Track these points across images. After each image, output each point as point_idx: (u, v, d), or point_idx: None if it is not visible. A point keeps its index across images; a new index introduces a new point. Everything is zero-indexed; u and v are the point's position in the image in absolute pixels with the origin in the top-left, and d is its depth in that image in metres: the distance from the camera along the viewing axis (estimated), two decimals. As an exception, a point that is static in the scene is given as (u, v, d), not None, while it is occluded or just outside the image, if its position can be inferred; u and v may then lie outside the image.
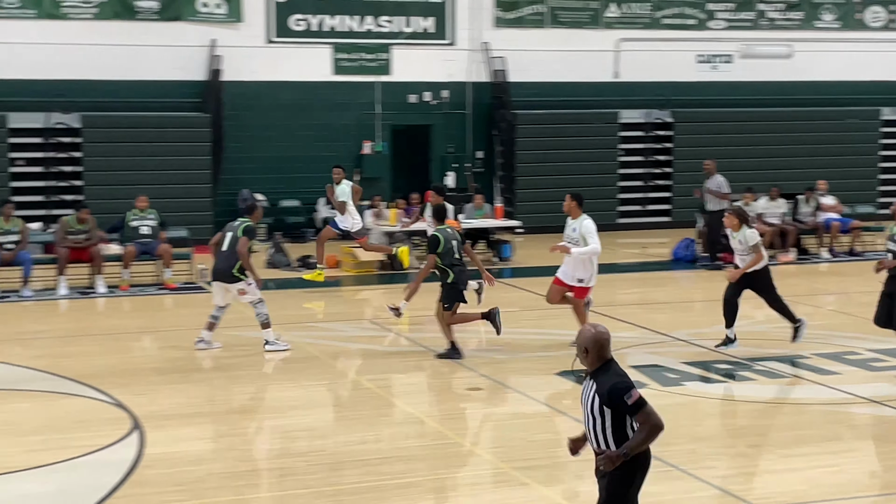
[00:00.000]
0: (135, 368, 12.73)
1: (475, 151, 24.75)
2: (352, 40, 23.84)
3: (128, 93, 22.30)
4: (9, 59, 21.59)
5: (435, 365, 13.06)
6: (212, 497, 8.45)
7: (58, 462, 9.18)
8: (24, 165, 21.67)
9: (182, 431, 10.10)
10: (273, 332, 13.55)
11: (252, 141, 23.15)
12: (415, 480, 8.86)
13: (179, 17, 22.53)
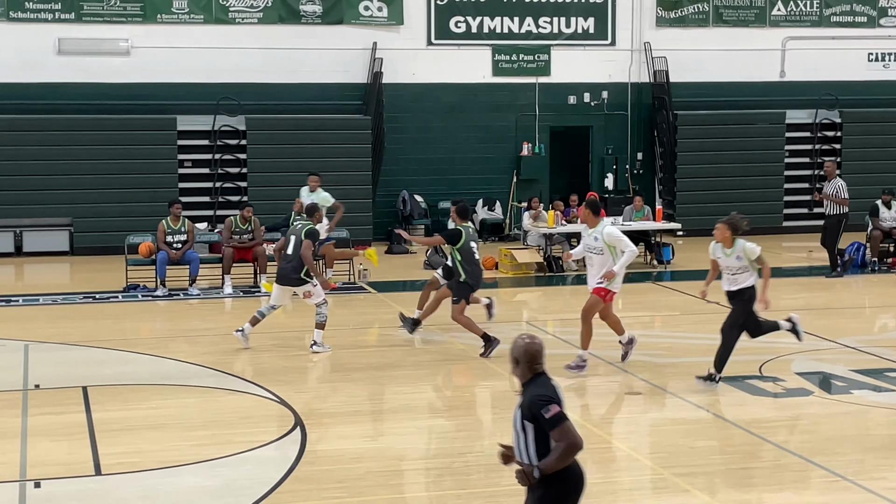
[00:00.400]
0: (297, 367, 13.14)
1: (635, 153, 24.74)
2: (511, 42, 23.94)
3: (291, 95, 22.96)
4: (178, 64, 22.46)
5: (592, 367, 12.91)
6: (371, 495, 8.65)
7: (223, 457, 9.51)
8: (191, 167, 22.58)
9: (342, 429, 10.41)
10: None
11: (411, 143, 23.54)
12: None
13: (342, 21, 23.07)
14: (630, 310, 15.22)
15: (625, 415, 11.51)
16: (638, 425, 11.03)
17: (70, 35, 22.02)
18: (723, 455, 9.61)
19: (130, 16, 22.23)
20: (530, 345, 5.97)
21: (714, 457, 9.44)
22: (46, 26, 21.93)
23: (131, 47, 22.25)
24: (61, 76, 21.99)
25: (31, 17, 21.88)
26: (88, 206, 21.62)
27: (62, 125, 21.67)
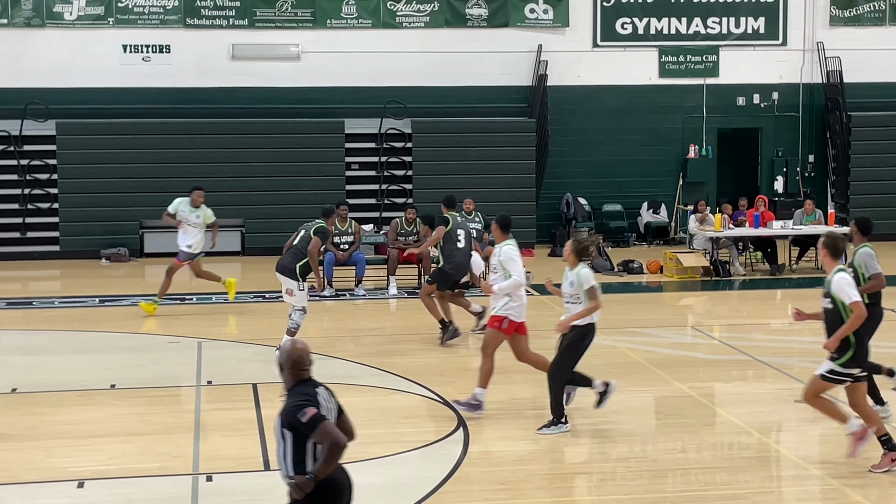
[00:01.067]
0: (459, 367, 13.37)
1: (807, 155, 24.77)
2: (679, 43, 24.25)
3: (456, 99, 23.61)
4: (346, 68, 23.35)
5: (759, 373, 13.12)
6: (531, 497, 8.99)
7: (388, 455, 9.93)
8: (358, 169, 23.40)
9: (505, 431, 10.75)
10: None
11: (575, 145, 23.86)
12: (739, 492, 8.96)
13: (507, 24, 23.59)
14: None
15: (792, 422, 11.50)
16: (806, 433, 11.06)
17: (243, 41, 23.13)
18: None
19: (301, 21, 23.19)
20: (293, 350, 6.26)
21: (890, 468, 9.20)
22: (221, 32, 23.06)
23: (302, 52, 23.22)
24: (235, 81, 23.08)
25: (207, 24, 23.02)
26: (259, 208, 22.66)
27: (234, 129, 22.65)
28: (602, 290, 17.54)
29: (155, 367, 13.89)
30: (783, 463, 10.00)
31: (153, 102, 23.05)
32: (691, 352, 14.45)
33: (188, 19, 23.13)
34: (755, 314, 16.15)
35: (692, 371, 13.40)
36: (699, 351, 14.43)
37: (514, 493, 9.06)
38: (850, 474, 9.22)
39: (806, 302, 16.40)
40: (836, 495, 8.90)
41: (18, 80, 22.71)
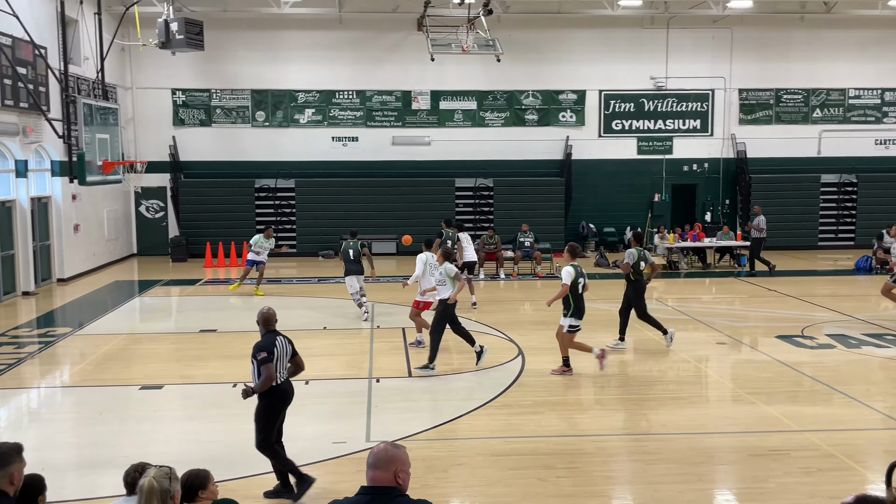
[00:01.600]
0: (520, 320, 14.13)
1: (724, 199, 25.79)
2: (649, 134, 25.53)
3: (518, 166, 24.93)
4: (456, 149, 24.57)
5: (694, 326, 13.18)
6: (560, 396, 9.51)
7: (477, 370, 10.57)
8: (461, 206, 25.44)
9: (545, 358, 11.07)
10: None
11: (587, 193, 24.99)
12: (682, 397, 9.34)
13: (549, 124, 25.06)
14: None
15: (716, 357, 11.35)
16: (721, 363, 11.07)
17: (399, 134, 25.15)
18: (779, 382, 9.99)
19: (431, 123, 25.12)
20: (266, 313, 6.74)
21: (774, 383, 9.85)
22: (386, 129, 25.08)
23: (431, 140, 25.16)
24: (394, 156, 25.02)
25: (378, 125, 25.09)
26: (406, 229, 21.97)
27: (393, 184, 24.13)
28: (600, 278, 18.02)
29: (347, 318, 14.45)
30: (710, 381, 10.21)
31: (349, 168, 24.59)
32: (654, 314, 13.21)
33: (368, 122, 25.07)
34: (693, 292, 16.95)
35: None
36: (658, 314, 13.74)
37: (552, 392, 9.58)
38: (749, 387, 9.49)
39: (721, 286, 18.45)
40: (741, 398, 9.14)
41: (274, 156, 24.72)
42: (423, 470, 7.15)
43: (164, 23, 18.29)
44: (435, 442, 7.97)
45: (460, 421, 8.62)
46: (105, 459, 7.57)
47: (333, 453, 7.69)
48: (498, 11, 21.98)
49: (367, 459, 3.33)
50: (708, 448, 7.80)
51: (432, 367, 10.28)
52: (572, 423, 8.57)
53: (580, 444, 7.93)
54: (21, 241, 18.05)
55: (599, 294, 16.31)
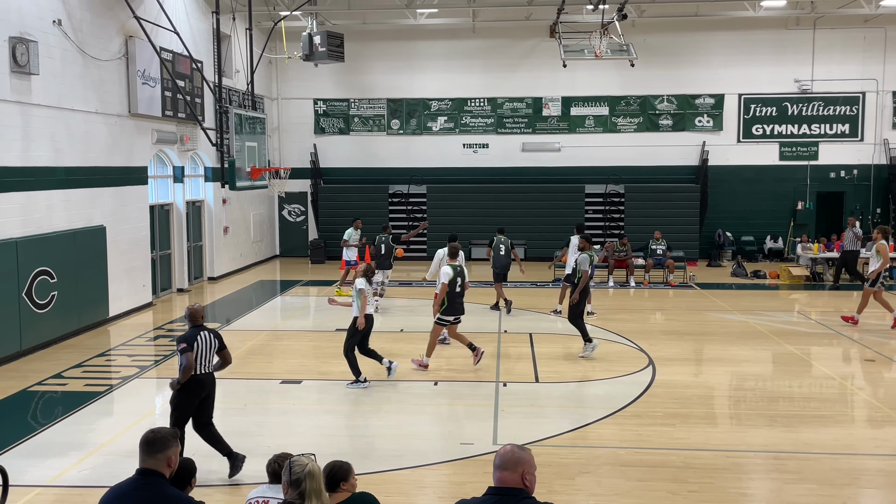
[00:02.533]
0: (651, 330, 13.82)
1: (875, 208, 24.49)
2: (792, 139, 24.49)
3: (651, 172, 24.53)
4: (586, 155, 24.49)
5: (839, 341, 12.70)
6: (693, 408, 9.30)
7: (606, 379, 10.52)
8: (591, 213, 25.50)
9: (677, 369, 10.99)
10: None
11: (724, 200, 24.27)
12: (826, 415, 8.96)
13: (684, 129, 24.37)
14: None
15: (861, 374, 11.00)
16: (875, 381, 10.63)
17: (529, 140, 25.28)
18: None
19: (561, 130, 25.24)
20: (195, 309, 7.25)
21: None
22: (516, 136, 25.28)
23: (561, 146, 25.24)
24: (523, 163, 25.15)
25: (508, 132, 25.20)
26: (535, 234, 23.78)
27: (522, 190, 24.32)
28: (737, 289, 17.45)
29: (477, 321, 14.24)
30: (856, 400, 9.90)
31: (479, 174, 25.00)
32: (796, 327, 14.15)
33: (498, 129, 25.29)
34: (839, 305, 16.07)
35: (796, 338, 13.18)
36: (801, 326, 14.26)
37: (682, 404, 9.42)
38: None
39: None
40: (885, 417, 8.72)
41: (407, 162, 25.36)
42: (549, 475, 7.10)
43: (308, 36, 19.13)
44: (562, 448, 7.89)
45: (588, 429, 8.53)
46: (248, 448, 7.81)
47: (460, 454, 7.73)
48: (633, 16, 21.80)
49: (494, 461, 3.32)
50: (854, 470, 7.42)
51: (364, 381, 10.22)
52: (706, 437, 8.29)
53: (714, 458, 7.66)
54: (177, 242, 19.71)
55: (736, 305, 16.23)
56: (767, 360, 11.71)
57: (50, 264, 13.43)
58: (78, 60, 14.54)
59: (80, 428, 8.79)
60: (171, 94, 17.96)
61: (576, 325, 11.52)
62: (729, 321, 14.39)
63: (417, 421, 8.62)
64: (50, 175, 13.84)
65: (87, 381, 10.82)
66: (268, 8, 22.14)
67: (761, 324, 14.19)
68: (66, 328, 14.09)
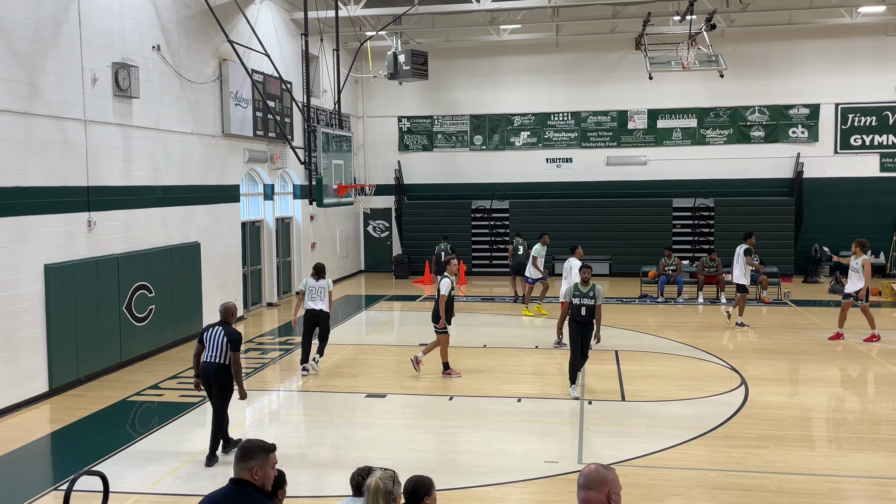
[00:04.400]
0: (743, 348, 13.42)
1: None
2: (894, 150, 23.69)
3: (741, 186, 23.93)
4: (674, 168, 24.11)
5: None
6: (788, 430, 9.01)
7: (696, 398, 10.23)
8: (679, 228, 23.86)
9: (771, 389, 10.71)
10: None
11: (820, 213, 23.41)
12: None
13: (777, 140, 23.66)
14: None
15: None
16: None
17: (614, 154, 25.05)
18: None
19: (647, 143, 24.89)
20: (229, 305, 8.06)
21: None
22: (600, 150, 25.13)
23: (647, 160, 24.87)
24: (608, 177, 24.90)
25: (592, 145, 25.18)
26: (619, 249, 24.08)
27: (607, 204, 24.37)
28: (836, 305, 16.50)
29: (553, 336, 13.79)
30: None
31: (562, 189, 24.93)
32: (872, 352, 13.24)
33: (582, 143, 25.20)
34: None
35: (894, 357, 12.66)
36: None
37: (777, 426, 9.14)
38: None
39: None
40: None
41: (490, 178, 25.55)
42: (636, 497, 6.95)
43: (393, 55, 19.46)
44: (650, 469, 7.73)
45: (677, 449, 8.33)
46: (333, 461, 8.02)
47: (545, 472, 7.68)
48: (721, 26, 21.41)
49: (578, 480, 3.30)
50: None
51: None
52: (802, 461, 8.02)
53: (811, 483, 7.39)
54: (267, 258, 20.33)
55: (834, 322, 15.44)
56: (869, 381, 11.35)
57: (148, 279, 13.97)
58: (175, 84, 15.14)
59: (175, 437, 9.06)
60: (261, 115, 18.55)
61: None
62: (826, 340, 14.06)
63: (501, 437, 8.57)
64: (149, 194, 14.41)
65: (181, 392, 11.12)
66: (354, 29, 22.63)
67: (861, 343, 13.82)
68: (163, 340, 14.62)
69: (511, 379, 11.38)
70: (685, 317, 16.79)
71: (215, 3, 16.10)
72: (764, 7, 21.73)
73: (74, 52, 12.23)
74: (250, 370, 12.58)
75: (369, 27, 22.70)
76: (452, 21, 23.75)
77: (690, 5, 18.90)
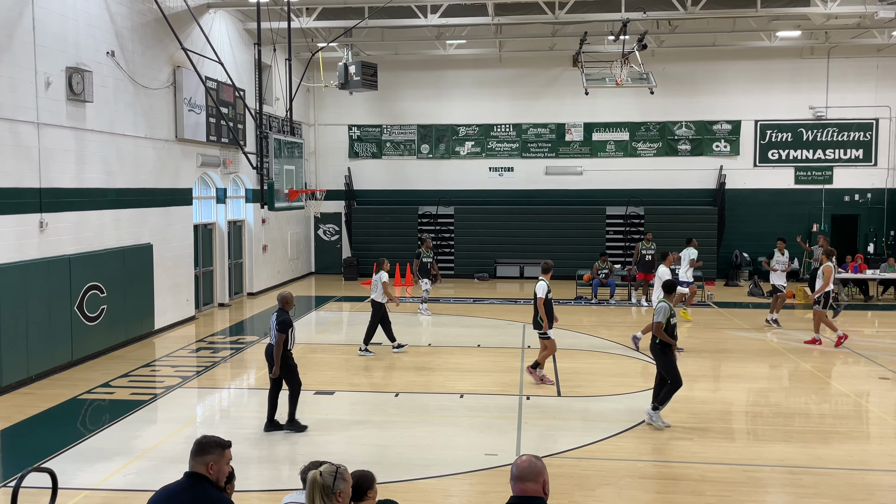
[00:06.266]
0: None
1: (889, 231, 24.12)
2: (807, 164, 24.19)
3: (670, 195, 24.30)
4: (608, 178, 24.33)
5: (855, 359, 12.39)
6: (711, 423, 9.14)
7: (626, 393, 10.36)
8: (611, 234, 24.42)
9: (695, 385, 10.68)
10: None
11: (740, 222, 23.94)
12: (840, 430, 8.70)
13: (702, 154, 24.14)
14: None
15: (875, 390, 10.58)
16: (883, 398, 10.25)
17: (552, 164, 25.26)
18: None
19: (584, 154, 25.16)
20: (284, 294, 8.67)
21: None
22: (540, 160, 25.27)
23: (584, 170, 25.14)
24: (547, 186, 25.10)
25: (532, 156, 25.23)
26: (555, 254, 23.18)
27: (545, 211, 24.38)
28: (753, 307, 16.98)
29: (502, 337, 14.51)
30: (871, 417, 9.56)
31: (504, 196, 25.09)
32: (813, 344, 13.79)
33: (523, 153, 25.37)
34: (854, 325, 15.76)
35: (812, 356, 12.90)
36: (818, 344, 13.82)
37: (699, 419, 9.32)
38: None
39: (884, 319, 17.10)
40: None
41: (436, 185, 25.53)
42: (570, 486, 7.05)
43: (344, 66, 19.37)
44: (583, 461, 7.78)
45: (608, 442, 8.44)
46: (283, 456, 7.98)
47: (485, 465, 7.70)
48: (652, 46, 21.83)
49: (512, 471, 3.28)
50: (869, 485, 7.23)
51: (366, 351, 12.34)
52: (723, 451, 8.15)
53: (731, 472, 7.50)
54: (219, 259, 20.02)
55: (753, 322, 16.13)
56: (784, 377, 11.58)
57: (100, 279, 13.65)
58: (129, 89, 14.81)
59: (125, 434, 8.88)
60: (215, 121, 18.25)
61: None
62: (746, 339, 14.23)
63: (445, 432, 8.57)
64: (101, 196, 14.06)
65: (133, 390, 10.92)
66: (306, 40, 22.44)
67: (778, 342, 14.07)
68: (115, 340, 14.29)
69: (454, 376, 11.41)
70: (616, 317, 17.01)
71: (170, 12, 15.85)
72: (691, 29, 22.41)
73: (28, 56, 11.92)
74: (201, 369, 12.40)
75: (321, 39, 22.54)
76: (401, 35, 23.78)
77: (624, 26, 19.30)
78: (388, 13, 19.53)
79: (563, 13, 19.41)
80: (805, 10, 19.13)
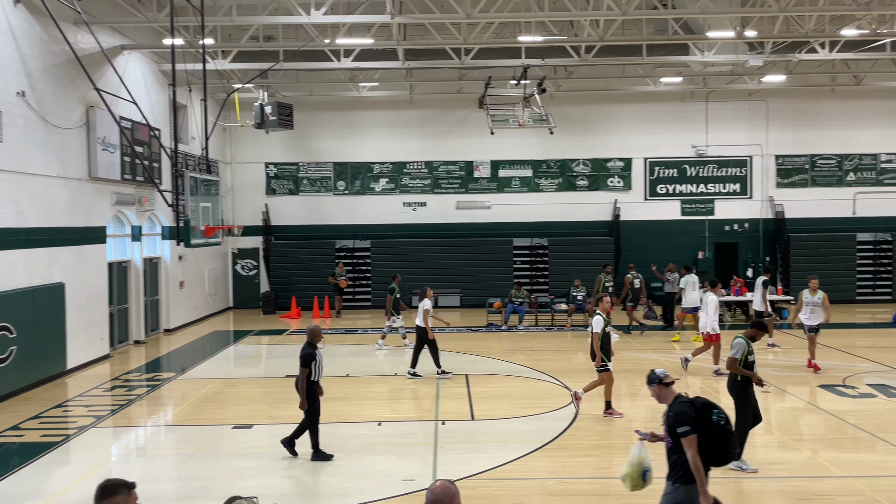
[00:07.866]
0: (573, 369, 13.82)
1: (764, 257, 25.25)
2: (692, 197, 25.22)
3: (571, 227, 24.92)
4: (514, 212, 24.83)
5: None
6: (614, 440, 9.23)
7: (535, 414, 10.37)
8: (519, 265, 25.54)
9: (599, 404, 10.69)
10: None
11: (634, 251, 24.61)
12: None
13: (598, 188, 25.13)
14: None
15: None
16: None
17: (463, 199, 25.61)
18: (823, 429, 9.59)
19: (491, 189, 25.65)
20: (313, 328, 8.40)
21: (818, 430, 9.48)
22: (451, 196, 25.54)
23: (492, 204, 25.56)
24: (458, 219, 25.38)
25: (444, 191, 25.61)
26: (469, 283, 24.58)
27: (457, 243, 24.78)
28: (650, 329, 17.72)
29: (420, 364, 13.43)
30: (756, 430, 8.94)
31: (417, 230, 25.19)
32: (702, 363, 13.94)
33: (435, 189, 25.65)
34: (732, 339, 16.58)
35: (702, 375, 13.18)
36: (707, 363, 13.85)
37: (606, 438, 9.35)
38: (793, 434, 9.06)
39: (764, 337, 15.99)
40: (785, 444, 8.76)
41: (352, 220, 25.50)
42: (484, 508, 6.94)
43: (260, 106, 19.13)
44: (496, 481, 7.75)
45: (520, 462, 8.42)
46: (201, 492, 7.65)
47: (403, 490, 7.57)
48: (551, 90, 22.47)
49: (427, 497, 3.20)
50: (756, 492, 7.44)
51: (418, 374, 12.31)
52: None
53: (632, 486, 7.42)
54: (134, 297, 19.23)
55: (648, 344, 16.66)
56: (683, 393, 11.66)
57: (9, 320, 12.87)
58: (40, 128, 14.16)
59: (36, 478, 8.39)
60: (129, 160, 17.66)
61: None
62: (643, 359, 14.59)
63: (363, 460, 8.42)
64: (11, 236, 13.33)
65: (43, 432, 10.34)
66: (222, 81, 22.09)
67: (671, 361, 14.38)
68: (24, 381, 13.49)
69: (371, 405, 11.29)
70: (526, 342, 17.19)
71: (83, 54, 15.30)
72: (585, 75, 23.83)
73: (-68, 94, 11.06)
74: (116, 407, 11.81)
75: (237, 80, 22.24)
76: (316, 77, 23.78)
77: (524, 71, 19.94)
78: (302, 56, 19.46)
79: (468, 59, 19.86)
80: (685, 59, 20.27)
